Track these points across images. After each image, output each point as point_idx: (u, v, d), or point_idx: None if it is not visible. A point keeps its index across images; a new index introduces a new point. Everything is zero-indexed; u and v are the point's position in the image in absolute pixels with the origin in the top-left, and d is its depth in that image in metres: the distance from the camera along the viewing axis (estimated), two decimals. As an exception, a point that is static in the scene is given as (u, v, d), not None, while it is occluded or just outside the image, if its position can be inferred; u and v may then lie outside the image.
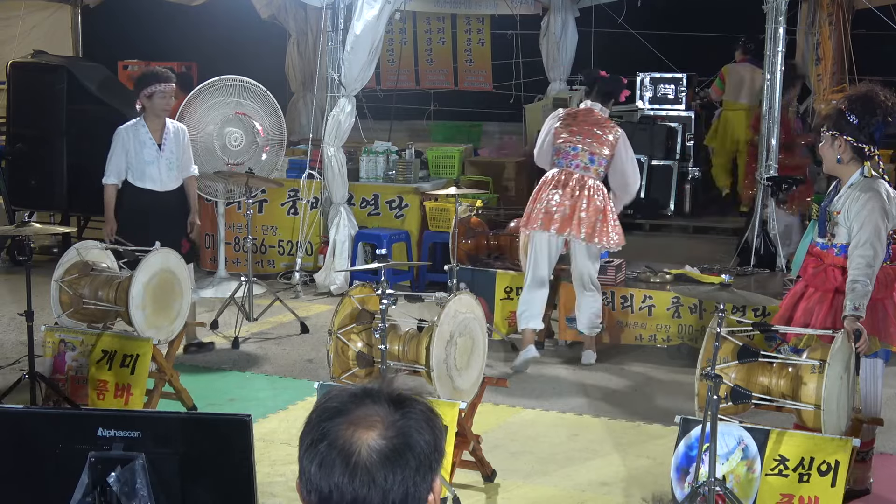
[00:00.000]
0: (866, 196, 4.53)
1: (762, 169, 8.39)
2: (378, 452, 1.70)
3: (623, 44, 13.30)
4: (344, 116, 8.79)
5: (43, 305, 6.87)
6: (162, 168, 6.71)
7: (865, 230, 4.49)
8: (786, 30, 8.33)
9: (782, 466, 4.27)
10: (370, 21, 8.37)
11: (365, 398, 1.77)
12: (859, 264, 4.46)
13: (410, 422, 1.75)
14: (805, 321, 4.63)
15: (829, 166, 4.74)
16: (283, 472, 5.03)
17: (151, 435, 2.47)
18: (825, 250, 4.67)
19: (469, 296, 4.96)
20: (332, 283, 8.76)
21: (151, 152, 6.68)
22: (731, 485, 4.28)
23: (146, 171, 6.68)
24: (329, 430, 1.73)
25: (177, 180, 6.81)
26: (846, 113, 4.56)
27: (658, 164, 11.94)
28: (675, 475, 4.47)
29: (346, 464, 1.70)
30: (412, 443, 1.73)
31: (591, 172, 6.79)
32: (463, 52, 14.74)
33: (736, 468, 4.34)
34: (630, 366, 6.97)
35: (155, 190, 6.70)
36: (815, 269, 4.69)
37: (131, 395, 5.53)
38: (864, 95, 4.60)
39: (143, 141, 6.68)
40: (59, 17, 12.11)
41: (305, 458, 1.74)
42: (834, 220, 4.61)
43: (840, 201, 4.62)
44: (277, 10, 12.65)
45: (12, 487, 2.56)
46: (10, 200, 9.79)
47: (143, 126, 6.69)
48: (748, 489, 4.29)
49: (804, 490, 4.20)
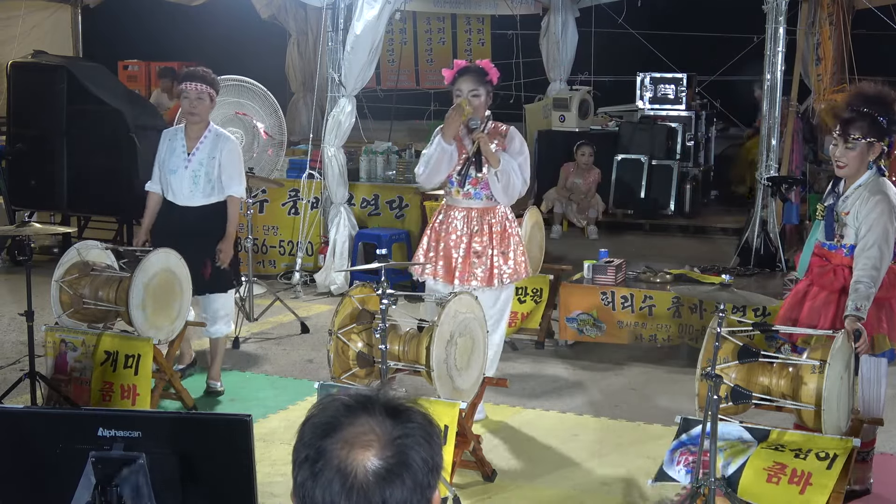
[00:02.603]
0: (876, 198, 4.52)
1: (762, 169, 8.39)
2: (375, 473, 1.67)
3: (623, 44, 13.33)
4: (344, 116, 8.79)
5: (43, 305, 6.87)
6: (184, 180, 6.04)
7: (874, 233, 4.49)
8: (786, 30, 8.33)
9: (779, 446, 4.27)
10: (370, 21, 8.38)
11: (359, 410, 1.72)
12: (865, 266, 4.46)
13: (408, 440, 1.71)
14: (811, 321, 4.61)
15: (851, 171, 4.57)
16: (283, 472, 5.03)
17: (152, 435, 2.47)
18: (833, 251, 4.65)
19: (469, 296, 4.96)
20: (333, 283, 8.76)
21: (179, 161, 6.06)
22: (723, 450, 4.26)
23: (170, 181, 6.08)
24: (324, 448, 1.69)
25: (205, 196, 6.07)
26: (879, 118, 4.52)
27: (658, 163, 11.95)
28: (668, 454, 4.47)
29: (342, 484, 1.67)
30: (409, 462, 1.70)
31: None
32: (463, 52, 14.75)
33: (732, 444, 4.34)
34: (630, 366, 6.97)
35: (175, 203, 6.10)
36: (821, 269, 4.67)
37: (138, 396, 5.53)
38: (879, 96, 4.57)
39: (174, 147, 6.10)
40: (59, 17, 12.13)
41: (300, 475, 1.71)
42: (842, 220, 4.59)
43: (850, 202, 4.59)
44: (277, 10, 12.67)
45: (12, 487, 2.56)
46: (10, 200, 9.79)
47: (181, 131, 6.14)
48: (740, 454, 4.28)
49: (798, 464, 4.17)
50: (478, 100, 5.46)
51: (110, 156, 9.09)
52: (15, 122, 9.70)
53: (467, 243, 5.51)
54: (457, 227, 5.55)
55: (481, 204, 5.55)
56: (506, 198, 5.50)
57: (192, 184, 6.05)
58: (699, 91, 13.11)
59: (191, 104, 6.00)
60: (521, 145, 5.57)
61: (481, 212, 5.55)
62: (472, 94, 5.45)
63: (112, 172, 9.12)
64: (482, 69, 5.54)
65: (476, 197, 5.54)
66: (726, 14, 12.85)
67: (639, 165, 11.96)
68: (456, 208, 5.57)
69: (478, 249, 5.50)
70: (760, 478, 4.19)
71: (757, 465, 4.23)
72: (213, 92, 6.10)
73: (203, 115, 6.08)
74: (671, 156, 12.01)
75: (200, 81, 6.00)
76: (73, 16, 12.17)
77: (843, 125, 4.54)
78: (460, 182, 5.47)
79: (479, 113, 5.47)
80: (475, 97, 5.45)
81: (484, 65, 5.59)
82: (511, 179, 5.41)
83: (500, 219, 5.59)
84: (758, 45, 10.18)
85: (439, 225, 5.62)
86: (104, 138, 9.17)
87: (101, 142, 9.18)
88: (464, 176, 5.43)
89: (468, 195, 5.53)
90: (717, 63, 13.67)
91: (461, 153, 5.53)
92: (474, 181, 5.47)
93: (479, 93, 5.47)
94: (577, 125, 12.43)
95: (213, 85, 6.09)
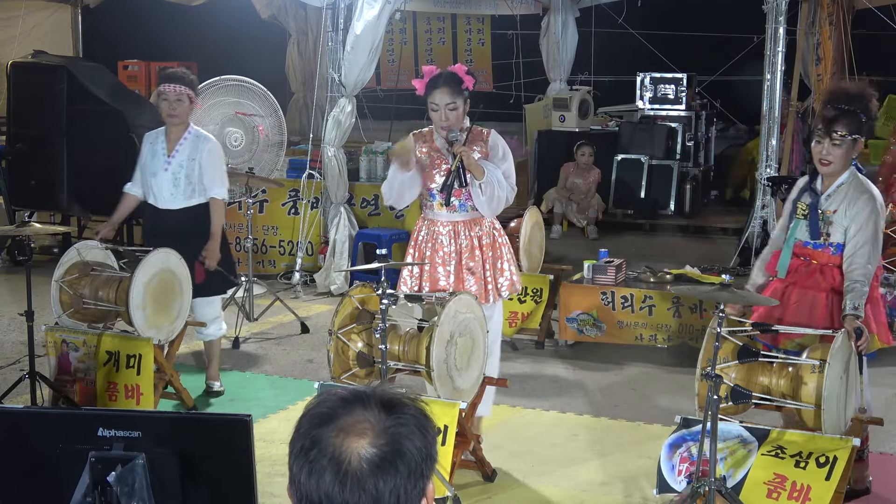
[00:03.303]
0: (864, 197, 4.53)
1: (763, 169, 8.40)
2: (368, 461, 1.69)
3: (623, 44, 13.33)
4: (344, 116, 8.79)
5: (43, 305, 6.87)
6: (165, 182, 6.00)
7: (865, 232, 4.49)
8: (786, 30, 8.34)
9: (779, 451, 4.28)
10: (370, 21, 8.38)
11: (355, 403, 1.75)
12: (858, 265, 4.46)
13: (402, 429, 1.73)
14: (797, 321, 4.58)
15: (836, 168, 4.55)
16: (283, 472, 5.02)
17: (151, 435, 2.47)
18: (819, 250, 4.62)
19: (469, 296, 4.96)
20: (332, 283, 8.76)
21: (159, 163, 6.01)
22: (724, 455, 4.26)
23: (150, 184, 6.05)
24: (319, 437, 1.71)
25: (186, 199, 6.02)
26: (860, 115, 4.53)
27: (658, 163, 11.95)
28: (667, 450, 4.47)
29: (336, 472, 1.69)
30: (403, 450, 1.71)
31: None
32: (463, 52, 14.75)
33: (731, 446, 4.34)
34: (630, 366, 6.97)
35: (157, 206, 6.08)
36: (806, 269, 4.64)
37: (141, 395, 5.53)
38: (860, 93, 4.58)
39: (155, 150, 6.04)
40: (59, 17, 12.13)
41: (295, 465, 1.73)
42: (828, 219, 4.58)
43: (834, 200, 4.58)
44: (277, 10, 12.68)
45: (12, 487, 2.56)
46: (10, 200, 9.80)
47: (162, 133, 6.08)
48: (742, 463, 4.29)
49: (798, 476, 4.18)
50: (455, 112, 5.06)
51: (110, 156, 9.08)
52: (15, 122, 9.70)
53: (457, 260, 5.16)
54: (443, 243, 5.18)
55: (466, 216, 5.19)
56: (490, 210, 5.13)
57: (172, 186, 5.99)
58: (699, 91, 13.11)
59: (170, 106, 5.91)
60: (504, 151, 5.22)
61: (467, 225, 5.19)
62: (448, 107, 5.05)
63: (112, 172, 9.08)
64: (455, 77, 5.12)
65: (461, 209, 5.18)
66: (726, 14, 12.84)
67: (639, 165, 11.96)
68: (439, 223, 5.20)
69: (471, 265, 5.17)
70: (761, 492, 4.21)
71: (758, 479, 4.24)
72: (193, 93, 6.02)
73: (183, 116, 5.99)
74: (671, 156, 12.02)
75: (179, 83, 5.91)
76: (73, 16, 12.18)
77: (827, 123, 4.52)
78: (444, 199, 5.12)
79: (458, 124, 5.10)
80: (452, 111, 5.05)
81: (456, 70, 5.18)
82: (495, 191, 5.06)
83: (489, 230, 5.24)
84: (758, 45, 10.19)
85: (424, 243, 5.23)
86: (104, 138, 9.17)
87: (101, 142, 9.17)
88: (448, 189, 5.07)
89: (452, 208, 5.17)
90: (717, 63, 13.66)
91: (439, 165, 5.18)
92: (458, 192, 5.13)
93: (455, 105, 5.06)
94: (577, 125, 12.44)
95: (192, 86, 6.00)
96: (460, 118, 5.12)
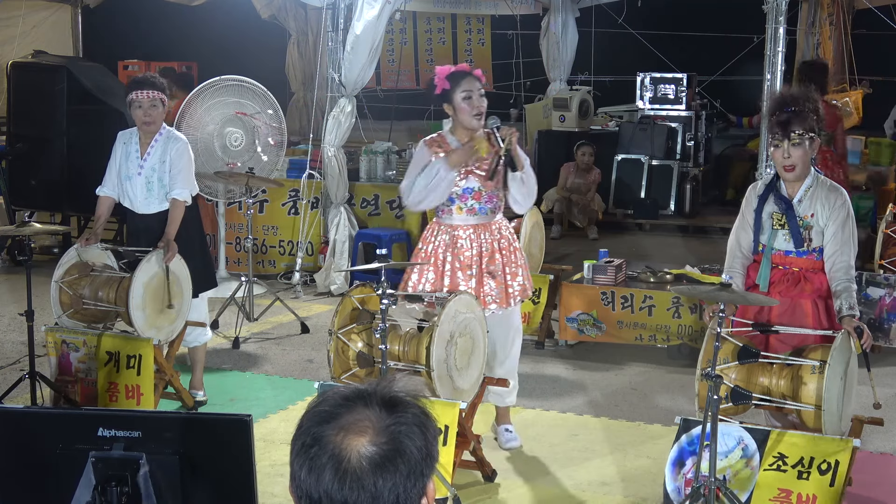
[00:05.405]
0: (838, 195, 4.54)
1: (762, 169, 8.39)
2: (368, 459, 1.69)
3: (623, 44, 13.33)
4: (344, 116, 8.79)
5: (43, 305, 6.87)
6: (138, 186, 5.86)
7: (845, 231, 4.50)
8: (786, 30, 8.33)
9: (781, 462, 4.27)
10: (370, 21, 8.38)
11: (357, 402, 1.76)
12: (843, 265, 4.48)
13: (402, 427, 1.73)
14: (782, 324, 4.56)
15: (800, 170, 4.52)
16: (283, 472, 5.03)
17: (152, 435, 2.47)
18: (804, 257, 4.58)
19: (469, 296, 4.96)
20: (333, 283, 8.76)
21: (133, 167, 5.87)
22: (728, 475, 4.27)
23: (125, 188, 5.90)
24: (320, 435, 1.72)
25: (160, 203, 5.88)
26: (811, 114, 4.53)
27: (658, 163, 11.96)
28: (671, 468, 4.47)
29: (336, 470, 1.69)
30: (403, 449, 1.72)
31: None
32: (463, 52, 14.75)
33: (735, 464, 4.34)
34: (630, 366, 6.97)
35: (133, 211, 5.94)
36: (791, 278, 4.60)
37: (142, 395, 5.53)
38: (804, 96, 4.57)
39: (129, 152, 5.92)
40: (59, 17, 12.12)
41: (296, 463, 1.74)
42: (808, 224, 4.55)
43: (808, 204, 4.54)
44: (277, 10, 12.68)
45: (12, 487, 2.56)
46: (10, 200, 9.80)
47: (135, 134, 5.94)
48: (746, 483, 4.29)
49: (802, 487, 4.20)
50: (484, 100, 5.14)
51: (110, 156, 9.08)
52: (15, 122, 9.70)
53: (479, 264, 5.11)
54: (463, 247, 5.11)
55: (485, 219, 5.15)
56: (528, 203, 5.17)
57: (146, 191, 5.86)
58: (699, 91, 13.10)
59: (145, 113, 5.77)
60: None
61: (486, 228, 5.14)
62: (479, 93, 5.13)
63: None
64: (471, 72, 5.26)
65: (480, 212, 5.13)
66: (726, 14, 12.85)
67: (639, 165, 11.96)
68: (459, 227, 5.14)
69: (491, 269, 5.12)
70: None
71: (762, 498, 4.24)
72: (165, 97, 5.89)
73: (158, 121, 5.85)
74: (671, 156, 12.01)
75: (151, 88, 5.77)
76: (73, 16, 12.17)
77: (783, 125, 4.47)
78: (488, 175, 5.04)
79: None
80: (482, 97, 5.13)
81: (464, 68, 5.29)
82: (534, 181, 5.12)
83: (507, 233, 5.22)
84: (758, 45, 10.18)
85: (442, 249, 5.14)
86: (104, 138, 9.11)
87: (101, 142, 9.12)
88: (502, 173, 5.04)
89: (472, 211, 5.11)
90: (717, 63, 13.67)
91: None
92: (477, 195, 5.09)
93: (483, 92, 5.17)
94: (577, 125, 12.44)
95: (163, 91, 5.87)
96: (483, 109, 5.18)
